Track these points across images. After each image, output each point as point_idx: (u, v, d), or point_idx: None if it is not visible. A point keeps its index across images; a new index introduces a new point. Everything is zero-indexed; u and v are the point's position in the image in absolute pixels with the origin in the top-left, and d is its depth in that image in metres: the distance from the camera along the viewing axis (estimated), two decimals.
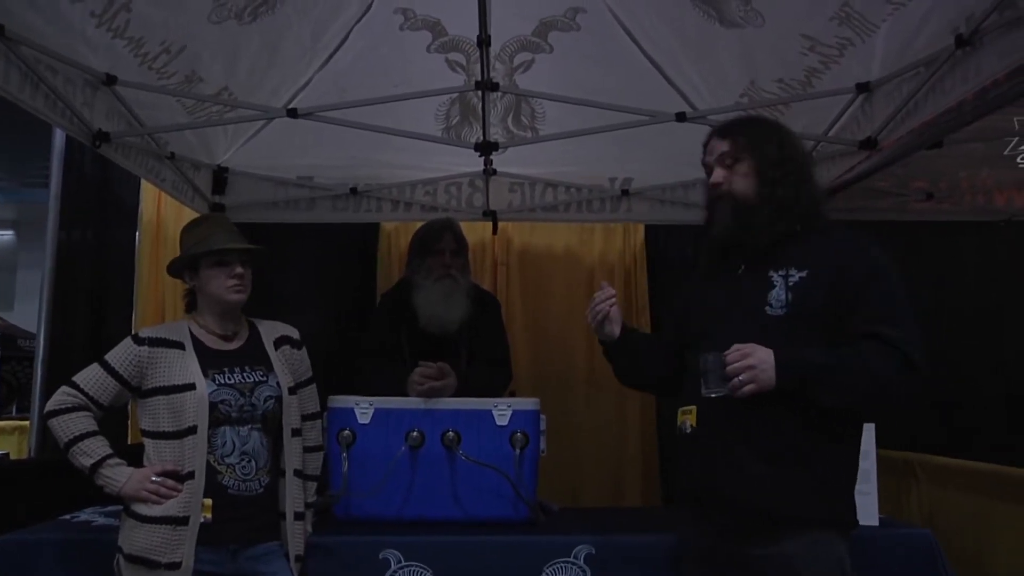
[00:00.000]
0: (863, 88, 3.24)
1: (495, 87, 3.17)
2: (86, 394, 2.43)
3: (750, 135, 2.25)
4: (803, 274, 2.12)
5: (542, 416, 2.94)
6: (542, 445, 2.93)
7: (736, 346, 2.05)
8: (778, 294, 2.12)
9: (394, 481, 2.84)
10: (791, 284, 2.12)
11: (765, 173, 2.19)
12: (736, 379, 2.03)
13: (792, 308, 2.10)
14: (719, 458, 2.10)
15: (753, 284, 2.16)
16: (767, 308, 2.12)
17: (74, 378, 2.47)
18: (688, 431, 2.17)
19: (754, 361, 2.03)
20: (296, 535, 2.51)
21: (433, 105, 3.81)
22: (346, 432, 2.86)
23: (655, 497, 4.69)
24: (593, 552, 2.64)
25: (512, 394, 3.38)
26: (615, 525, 2.87)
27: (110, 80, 3.12)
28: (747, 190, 2.20)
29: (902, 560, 2.63)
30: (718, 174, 2.24)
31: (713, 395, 2.07)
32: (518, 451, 2.86)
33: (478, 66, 3.15)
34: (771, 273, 2.14)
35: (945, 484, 3.43)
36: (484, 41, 2.89)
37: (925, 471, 3.55)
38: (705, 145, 2.31)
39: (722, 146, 2.24)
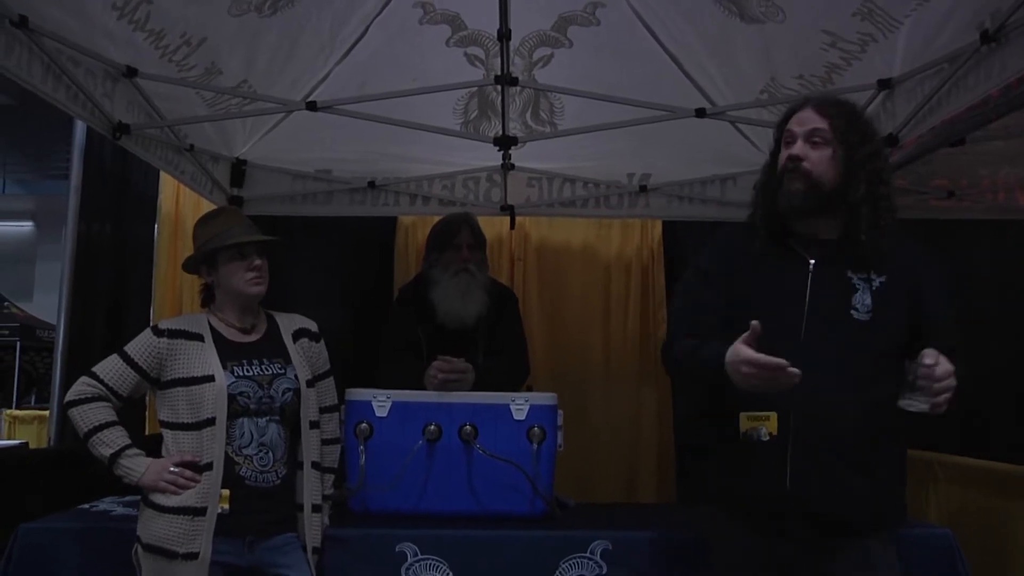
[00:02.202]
0: (885, 84, 3.21)
1: (514, 81, 3.16)
2: (106, 385, 2.45)
3: (849, 123, 2.14)
4: (882, 279, 2.10)
5: (559, 411, 2.94)
6: (559, 440, 2.92)
7: (931, 356, 1.90)
8: (862, 298, 2.08)
9: (411, 474, 2.84)
10: (874, 288, 2.09)
11: (850, 167, 2.11)
12: (942, 397, 1.90)
13: (876, 313, 2.07)
14: (808, 469, 2.04)
15: (832, 285, 2.09)
16: (853, 312, 2.07)
17: (94, 368, 2.48)
18: (765, 439, 2.05)
19: (955, 381, 1.91)
20: (313, 527, 2.52)
21: (451, 99, 3.81)
22: (363, 425, 2.86)
23: (670, 492, 4.68)
24: (610, 548, 2.64)
25: (529, 389, 3.38)
26: (632, 521, 2.87)
27: (130, 72, 3.14)
28: (823, 175, 2.11)
29: (922, 560, 2.60)
30: (801, 148, 2.13)
31: (913, 410, 1.93)
32: (535, 446, 2.85)
33: (497, 60, 3.14)
34: (849, 275, 2.10)
35: (964, 484, 3.41)
36: (504, 35, 2.88)
37: (944, 471, 3.53)
38: (794, 112, 2.19)
39: (818, 122, 2.13)
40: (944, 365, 1.89)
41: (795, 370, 1.87)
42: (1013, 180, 4.46)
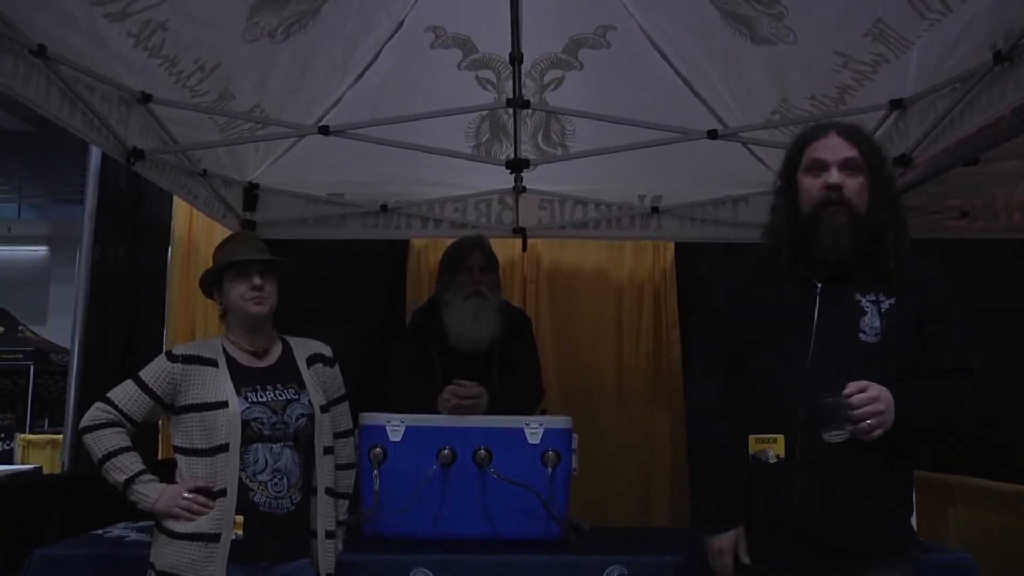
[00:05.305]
0: (897, 105, 3.20)
1: (526, 104, 3.16)
2: (120, 410, 2.45)
3: (873, 148, 2.16)
4: (892, 301, 2.09)
5: (574, 434, 2.92)
6: (574, 463, 2.90)
7: (856, 385, 1.95)
8: (871, 320, 2.08)
9: (425, 499, 2.83)
10: (883, 311, 2.08)
11: (877, 193, 2.12)
12: (865, 423, 1.93)
13: (885, 336, 2.06)
14: (814, 492, 2.03)
15: (841, 307, 2.10)
16: (861, 335, 2.07)
17: (108, 394, 2.48)
18: (772, 461, 2.06)
19: (883, 405, 1.94)
20: (327, 553, 2.50)
21: (463, 122, 3.82)
22: (377, 449, 2.85)
23: (684, 515, 4.63)
24: (626, 572, 2.61)
25: (543, 412, 3.36)
26: (647, 544, 2.85)
27: (145, 98, 3.16)
28: (860, 205, 2.11)
29: None
30: (839, 177, 2.11)
31: (836, 440, 1.96)
32: (550, 469, 2.84)
33: (509, 83, 3.15)
34: (858, 297, 2.10)
35: (984, 507, 3.37)
36: (516, 58, 2.89)
37: (963, 493, 3.49)
38: (818, 137, 2.17)
39: (849, 150, 2.12)
40: (866, 393, 1.94)
41: None
42: None
